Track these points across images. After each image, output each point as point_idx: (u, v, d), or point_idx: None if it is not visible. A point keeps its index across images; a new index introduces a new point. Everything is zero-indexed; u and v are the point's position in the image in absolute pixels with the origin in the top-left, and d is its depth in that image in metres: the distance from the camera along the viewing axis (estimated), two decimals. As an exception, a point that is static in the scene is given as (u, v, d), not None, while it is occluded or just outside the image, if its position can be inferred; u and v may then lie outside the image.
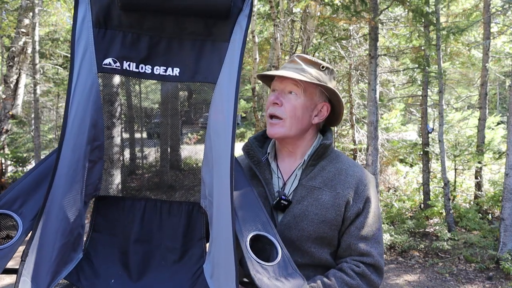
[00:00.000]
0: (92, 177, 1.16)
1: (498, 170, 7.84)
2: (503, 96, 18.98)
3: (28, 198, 1.01)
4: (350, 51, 7.85)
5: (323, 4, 5.95)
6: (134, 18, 1.11)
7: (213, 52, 1.14)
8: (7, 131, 8.17)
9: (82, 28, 1.07)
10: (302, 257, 1.23)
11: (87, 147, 1.10)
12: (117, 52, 1.12)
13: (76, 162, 1.06)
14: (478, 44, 7.95)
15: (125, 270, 1.15)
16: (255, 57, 7.85)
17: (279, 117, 1.26)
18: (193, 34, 1.14)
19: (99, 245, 1.18)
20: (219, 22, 1.11)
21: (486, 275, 4.65)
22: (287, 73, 1.24)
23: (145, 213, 1.24)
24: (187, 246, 1.22)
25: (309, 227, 1.22)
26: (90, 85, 1.08)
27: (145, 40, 1.13)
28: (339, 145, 8.88)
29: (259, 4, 9.98)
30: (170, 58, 1.15)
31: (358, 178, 1.28)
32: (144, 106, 1.29)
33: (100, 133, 1.15)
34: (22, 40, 7.88)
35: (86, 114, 1.07)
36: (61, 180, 1.01)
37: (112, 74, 1.13)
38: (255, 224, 1.06)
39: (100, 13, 1.08)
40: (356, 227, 1.23)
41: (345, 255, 1.24)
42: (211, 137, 1.15)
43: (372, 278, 1.19)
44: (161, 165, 1.42)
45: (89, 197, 1.18)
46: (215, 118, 1.13)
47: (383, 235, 5.46)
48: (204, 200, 1.23)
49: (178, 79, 1.16)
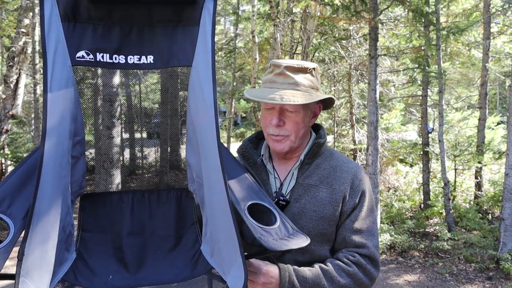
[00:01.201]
0: (76, 174, 1.15)
1: (498, 170, 7.85)
2: (503, 96, 18.97)
3: (16, 198, 1.00)
4: (350, 51, 7.84)
5: (323, 4, 5.95)
6: (103, 10, 1.11)
7: (185, 36, 1.16)
8: (7, 131, 8.16)
9: (51, 23, 1.05)
10: (302, 255, 1.23)
11: (69, 142, 1.09)
12: (89, 44, 1.11)
13: (61, 157, 1.05)
14: (478, 44, 7.95)
15: (122, 264, 1.14)
16: (255, 57, 7.84)
17: (283, 135, 1.28)
18: (163, 21, 1.15)
19: (90, 244, 1.17)
20: (187, 8, 1.13)
21: (486, 275, 4.65)
22: (286, 95, 1.21)
23: (134, 205, 1.23)
24: (180, 232, 1.22)
25: (308, 225, 1.23)
26: (66, 79, 1.08)
27: (116, 31, 1.13)
28: (339, 145, 8.88)
29: (259, 4, 9.98)
30: (143, 46, 1.16)
31: (353, 173, 1.30)
32: (124, 96, 1.28)
33: (80, 127, 1.15)
34: (22, 40, 7.87)
35: (65, 108, 1.06)
36: (48, 175, 0.99)
37: (86, 66, 1.13)
38: (249, 194, 1.07)
39: (67, 7, 1.08)
40: (351, 220, 1.25)
41: (340, 248, 1.26)
42: (192, 119, 1.16)
43: (368, 268, 1.21)
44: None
45: (75, 195, 1.17)
46: (195, 99, 1.13)
47: (383, 235, 5.46)
48: (192, 184, 1.23)
49: (153, 66, 1.16)
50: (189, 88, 1.17)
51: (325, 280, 1.16)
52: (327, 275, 1.17)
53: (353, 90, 8.28)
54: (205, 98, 1.06)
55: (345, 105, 8.73)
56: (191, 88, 1.16)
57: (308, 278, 1.15)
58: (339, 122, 9.06)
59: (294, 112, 1.26)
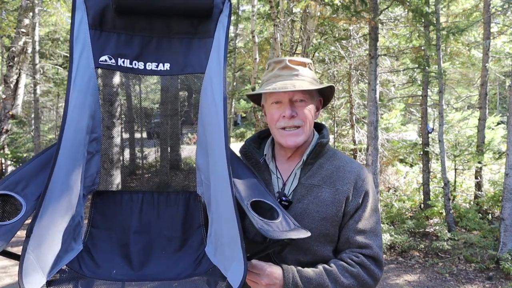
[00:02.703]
0: (90, 169, 1.22)
1: (498, 170, 7.84)
2: (503, 96, 18.97)
3: (31, 182, 1.05)
4: (350, 51, 7.84)
5: (323, 4, 5.94)
6: (126, 21, 1.23)
7: (200, 47, 1.27)
8: (7, 131, 8.16)
9: (80, 30, 1.18)
10: (305, 255, 1.23)
11: (86, 136, 1.17)
12: (112, 50, 1.24)
13: (77, 148, 1.12)
14: (478, 44, 7.94)
15: (126, 261, 1.17)
16: (255, 57, 7.84)
17: (297, 126, 1.27)
18: (180, 33, 1.27)
19: (98, 240, 1.21)
20: (203, 21, 1.25)
21: (486, 275, 4.65)
22: (297, 83, 1.24)
23: (143, 205, 1.29)
24: (186, 234, 1.25)
25: (310, 225, 1.23)
26: (88, 78, 1.18)
27: (137, 40, 1.26)
28: (339, 145, 8.88)
29: (259, 4, 9.98)
30: (161, 54, 1.27)
31: (356, 174, 1.29)
32: (141, 99, 1.39)
33: (98, 125, 1.24)
34: (22, 40, 7.87)
35: (84, 104, 1.16)
36: (62, 163, 1.06)
37: (107, 69, 1.24)
38: (254, 192, 1.11)
39: (96, 16, 1.21)
40: (354, 220, 1.24)
41: (344, 248, 1.25)
42: (204, 122, 1.24)
43: (372, 269, 1.20)
44: (162, 159, 1.45)
45: (87, 190, 1.22)
46: (206, 103, 1.22)
47: (383, 235, 5.46)
48: (200, 187, 1.28)
49: (168, 72, 1.28)
50: (202, 93, 1.26)
51: (329, 281, 1.15)
52: (331, 276, 1.16)
53: (353, 90, 8.28)
54: (216, 102, 1.15)
55: (345, 105, 8.73)
56: (203, 93, 1.25)
57: (312, 279, 1.14)
58: (339, 122, 9.05)
59: (303, 102, 1.28)
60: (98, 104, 1.23)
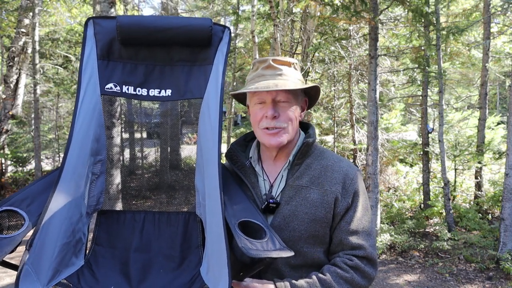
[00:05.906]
0: (95, 189, 1.29)
1: (498, 170, 7.85)
2: (503, 96, 18.97)
3: (36, 199, 1.11)
4: (350, 51, 7.84)
5: (323, 4, 5.94)
6: (131, 51, 1.31)
7: (200, 74, 1.34)
8: (7, 131, 8.16)
9: (88, 60, 1.28)
10: (295, 258, 1.21)
11: (90, 158, 1.24)
12: (117, 78, 1.32)
13: (80, 168, 1.19)
14: (478, 44, 7.95)
15: (125, 278, 1.21)
16: (255, 57, 7.84)
17: (280, 127, 1.25)
18: (181, 61, 1.34)
19: (100, 257, 1.26)
20: (203, 49, 1.32)
21: (486, 275, 4.65)
22: (280, 83, 1.23)
23: (145, 224, 1.34)
24: (185, 254, 1.28)
25: (300, 227, 1.22)
26: (94, 104, 1.27)
27: (141, 68, 1.33)
28: (339, 145, 8.88)
29: (259, 4, 9.98)
30: (163, 81, 1.34)
31: (345, 173, 1.27)
32: (141, 125, 1.47)
33: (103, 148, 1.31)
34: (22, 40, 7.87)
35: (89, 128, 1.24)
36: (65, 181, 1.12)
37: (113, 96, 1.33)
38: (244, 212, 1.13)
39: (104, 48, 1.29)
40: (346, 221, 1.23)
41: (337, 250, 1.24)
42: (201, 144, 1.29)
43: (366, 270, 1.20)
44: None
45: (92, 208, 1.28)
46: (204, 126, 1.27)
47: (383, 235, 5.46)
48: (199, 208, 1.31)
49: (170, 98, 1.35)
50: (200, 116, 1.31)
51: None
52: (325, 286, 1.15)
53: (353, 90, 8.28)
54: (212, 124, 1.20)
55: (345, 105, 8.73)
56: (201, 116, 1.30)
57: None
58: (339, 122, 9.05)
59: (286, 103, 1.25)
60: (103, 128, 1.30)
